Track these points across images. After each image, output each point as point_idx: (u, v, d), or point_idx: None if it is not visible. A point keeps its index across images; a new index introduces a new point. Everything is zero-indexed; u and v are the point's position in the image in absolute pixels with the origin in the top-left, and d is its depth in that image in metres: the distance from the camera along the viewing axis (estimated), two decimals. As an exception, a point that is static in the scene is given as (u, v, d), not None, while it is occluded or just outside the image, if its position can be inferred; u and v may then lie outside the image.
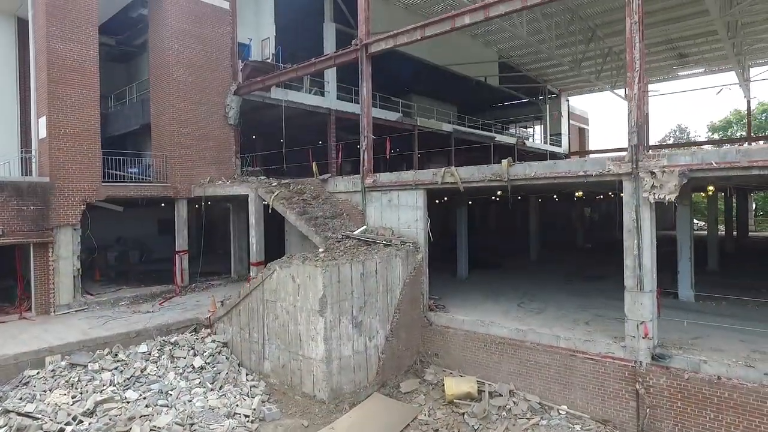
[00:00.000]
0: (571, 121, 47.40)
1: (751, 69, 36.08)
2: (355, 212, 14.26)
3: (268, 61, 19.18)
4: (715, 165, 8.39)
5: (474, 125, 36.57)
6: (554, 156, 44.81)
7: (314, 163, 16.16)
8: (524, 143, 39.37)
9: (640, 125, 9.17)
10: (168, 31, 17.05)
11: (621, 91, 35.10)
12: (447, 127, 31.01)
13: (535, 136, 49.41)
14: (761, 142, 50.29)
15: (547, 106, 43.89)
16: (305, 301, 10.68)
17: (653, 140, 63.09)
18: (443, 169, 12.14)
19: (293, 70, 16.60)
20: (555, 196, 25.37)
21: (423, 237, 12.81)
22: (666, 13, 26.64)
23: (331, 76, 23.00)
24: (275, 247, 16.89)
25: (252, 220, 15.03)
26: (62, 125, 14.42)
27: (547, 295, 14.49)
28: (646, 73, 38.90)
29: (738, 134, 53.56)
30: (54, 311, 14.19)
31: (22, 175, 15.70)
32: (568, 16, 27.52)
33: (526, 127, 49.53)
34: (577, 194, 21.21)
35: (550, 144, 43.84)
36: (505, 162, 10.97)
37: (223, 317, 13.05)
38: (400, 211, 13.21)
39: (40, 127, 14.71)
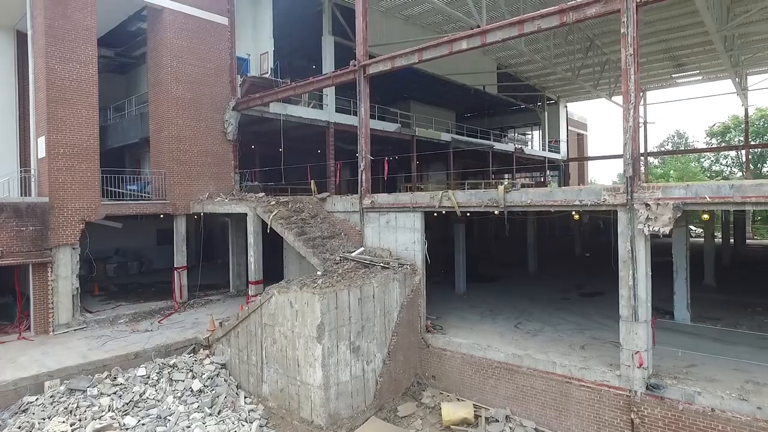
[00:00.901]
0: (569, 127, 47.51)
1: (749, 77, 36.23)
2: (354, 232, 14.33)
3: (267, 76, 19.24)
4: (708, 199, 8.47)
5: (473, 133, 36.65)
6: (552, 162, 45.01)
7: (312, 181, 16.22)
8: (522, 151, 39.49)
9: (635, 157, 9.24)
10: (166, 49, 17.10)
11: (619, 98, 35.20)
12: (445, 137, 31.12)
13: (534, 140, 49.59)
14: (759, 150, 50.44)
15: (546, 112, 43.95)
16: (303, 327, 10.74)
17: (652, 145, 63.30)
18: (440, 192, 12.21)
19: (291, 87, 16.66)
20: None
21: (420, 259, 12.88)
22: (664, 24, 26.76)
23: (330, 97, 23.05)
24: (274, 262, 16.97)
25: (250, 239, 15.09)
26: (61, 145, 14.47)
27: (544, 315, 14.57)
28: (644, 81, 39.09)
29: (736, 139, 53.72)
30: (53, 330, 14.24)
31: (21, 194, 15.75)
32: (566, 27, 27.58)
33: (524, 134, 49.63)
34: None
35: (549, 150, 43.93)
36: (501, 188, 11.04)
37: (222, 338, 13.11)
38: (398, 232, 13.28)
39: (39, 147, 14.76)
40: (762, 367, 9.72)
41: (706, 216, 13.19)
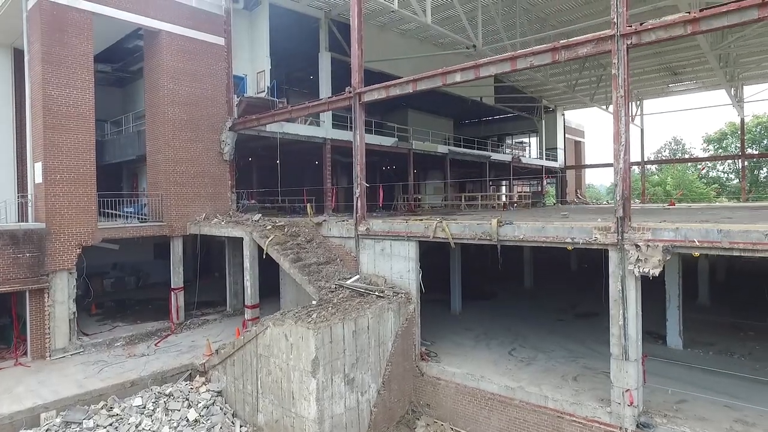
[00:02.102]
0: (567, 135, 47.62)
1: (745, 87, 36.35)
2: (349, 258, 14.41)
3: (263, 95, 19.32)
4: (697, 243, 8.57)
5: (470, 144, 36.74)
6: (549, 170, 45.11)
7: (309, 204, 16.30)
8: (520, 160, 39.60)
9: (625, 197, 9.33)
10: (163, 71, 17.16)
11: (616, 110, 35.33)
12: (442, 149, 31.20)
13: (532, 146, 49.71)
14: (755, 160, 50.59)
15: (543, 121, 44.05)
16: (298, 360, 10.83)
17: (649, 152, 63.43)
18: (434, 223, 12.31)
19: (287, 111, 16.73)
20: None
21: (415, 288, 12.97)
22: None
23: (326, 114, 23.11)
24: (271, 280, 17.01)
25: (247, 263, 15.17)
26: (58, 171, 14.54)
27: (537, 339, 14.67)
28: (640, 92, 39.15)
29: (733, 146, 53.94)
30: (50, 356, 14.30)
31: (18, 219, 15.84)
32: (563, 37, 27.67)
33: (522, 142, 49.74)
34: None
35: (546, 159, 44.03)
36: (494, 222, 11.14)
37: (218, 365, 13.18)
38: (393, 260, 13.37)
39: (36, 172, 14.82)
40: (752, 404, 9.82)
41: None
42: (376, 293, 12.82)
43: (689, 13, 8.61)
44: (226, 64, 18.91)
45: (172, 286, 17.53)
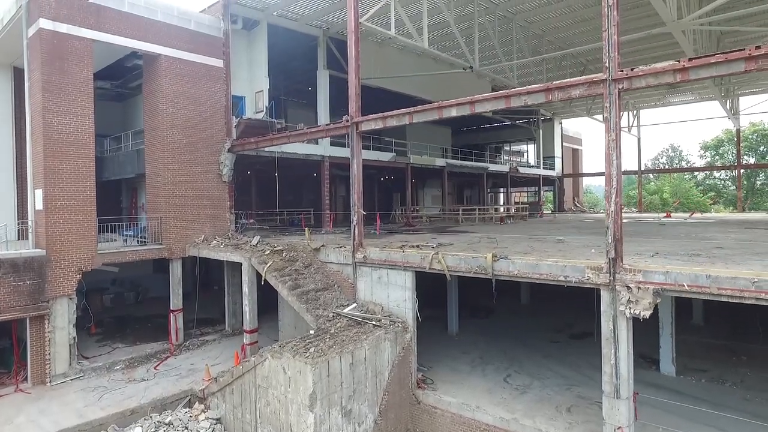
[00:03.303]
0: (564, 143, 47.88)
1: (741, 98, 36.63)
2: (347, 285, 14.58)
3: (262, 116, 19.48)
4: (686, 287, 8.76)
5: (468, 156, 36.96)
6: (547, 179, 45.34)
7: (307, 228, 16.45)
8: (518, 170, 39.82)
9: (617, 239, 9.51)
10: (162, 95, 17.32)
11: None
12: (440, 162, 31.42)
13: (529, 153, 49.95)
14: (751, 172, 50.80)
15: (540, 130, 44.29)
16: (296, 393, 10.99)
17: (646, 158, 63.75)
18: (431, 254, 12.48)
19: (286, 136, 16.91)
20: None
21: (411, 317, 13.14)
22: (656, 51, 27.05)
23: (323, 120, 23.30)
24: (270, 295, 17.11)
25: (245, 289, 15.34)
26: (58, 198, 14.68)
27: (533, 365, 14.85)
28: (637, 102, 39.44)
29: (729, 153, 54.15)
30: (50, 381, 14.45)
31: (18, 237, 15.95)
32: (560, 54, 27.94)
33: (519, 151, 49.99)
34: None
35: (544, 168, 44.28)
36: (489, 256, 11.31)
37: (217, 393, 13.33)
38: (390, 289, 13.54)
39: (37, 199, 14.96)
40: (741, 439, 10.01)
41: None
42: (373, 322, 12.99)
43: (679, 61, 8.79)
44: (224, 86, 19.07)
45: (171, 308, 17.69)
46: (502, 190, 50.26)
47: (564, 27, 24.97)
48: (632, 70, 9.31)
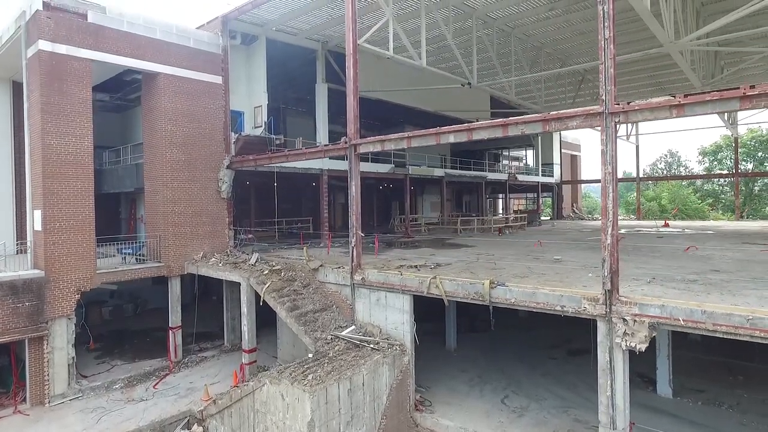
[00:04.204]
0: (563, 150, 47.98)
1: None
2: (345, 306, 14.63)
3: (261, 132, 19.53)
4: (682, 322, 8.82)
5: (466, 164, 37.02)
6: (546, 186, 45.42)
7: (305, 247, 16.50)
8: (516, 178, 39.90)
9: (613, 271, 9.57)
10: (161, 113, 17.35)
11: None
12: (438, 172, 31.50)
13: (528, 157, 50.03)
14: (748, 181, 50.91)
15: (539, 137, 44.36)
16: (294, 420, 11.03)
17: (644, 164, 63.99)
18: (429, 279, 12.53)
19: (284, 155, 16.98)
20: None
21: (409, 340, 13.20)
22: (653, 62, 27.12)
23: (323, 135, 23.37)
24: (268, 313, 17.14)
25: (244, 309, 15.39)
26: (57, 219, 14.71)
27: (530, 385, 14.90)
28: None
29: (728, 158, 54.23)
30: (49, 402, 14.48)
31: (16, 250, 15.95)
32: (558, 65, 28.04)
33: (518, 157, 50.06)
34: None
35: (543, 174, 44.37)
36: (486, 283, 11.37)
37: (215, 415, 13.36)
38: (388, 311, 13.59)
39: (36, 219, 14.99)
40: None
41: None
42: (372, 345, 13.04)
43: (674, 96, 8.85)
44: (223, 102, 19.10)
45: (170, 325, 17.72)
46: (501, 195, 50.36)
47: (563, 39, 25.05)
48: (629, 104, 9.38)
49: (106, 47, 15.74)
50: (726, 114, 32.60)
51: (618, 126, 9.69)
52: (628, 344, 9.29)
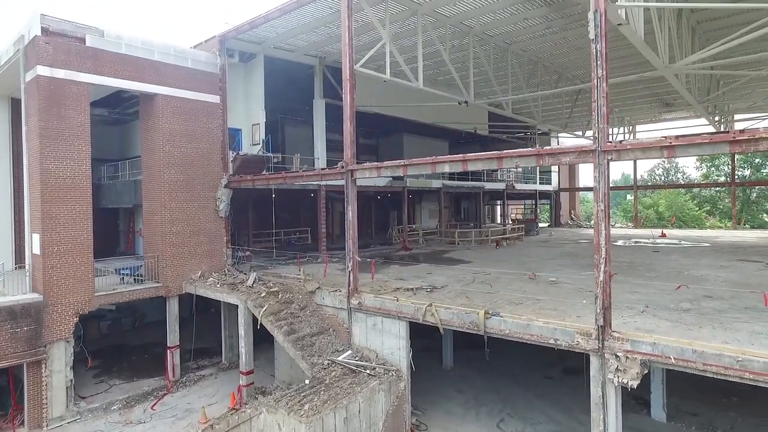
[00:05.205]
0: (560, 157, 48.07)
1: (735, 116, 36.89)
2: (342, 329, 14.72)
3: (258, 149, 19.62)
4: (673, 360, 8.93)
5: (464, 175, 37.12)
6: (543, 194, 45.55)
7: (302, 269, 16.59)
8: (514, 187, 40.03)
9: (605, 307, 9.68)
10: (159, 133, 17.43)
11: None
12: (436, 184, 31.61)
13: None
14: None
15: (537, 144, 44.46)
16: (290, 450, 11.13)
17: (642, 170, 64.14)
18: (425, 306, 12.63)
19: (282, 177, 17.08)
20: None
21: (405, 366, 13.30)
22: (651, 81, 27.26)
23: (321, 151, 23.47)
24: (266, 333, 17.24)
25: (241, 331, 15.49)
26: (56, 243, 14.79)
27: (526, 407, 15.02)
28: (633, 118, 39.48)
29: (726, 164, 54.38)
30: (47, 425, 14.55)
31: (14, 267, 16.00)
32: (555, 77, 28.13)
33: (516, 167, 50.16)
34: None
35: (540, 182, 44.50)
36: (481, 313, 11.48)
37: (213, 439, 13.46)
38: (384, 336, 13.69)
39: (34, 243, 15.07)
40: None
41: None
42: (368, 371, 13.14)
43: (665, 138, 8.96)
44: (221, 122, 19.19)
45: (168, 345, 17.80)
46: (499, 202, 50.50)
47: (559, 54, 25.13)
48: (621, 142, 9.50)
49: (104, 70, 15.82)
50: (723, 125, 32.71)
51: (610, 163, 9.78)
52: (620, 380, 9.40)
